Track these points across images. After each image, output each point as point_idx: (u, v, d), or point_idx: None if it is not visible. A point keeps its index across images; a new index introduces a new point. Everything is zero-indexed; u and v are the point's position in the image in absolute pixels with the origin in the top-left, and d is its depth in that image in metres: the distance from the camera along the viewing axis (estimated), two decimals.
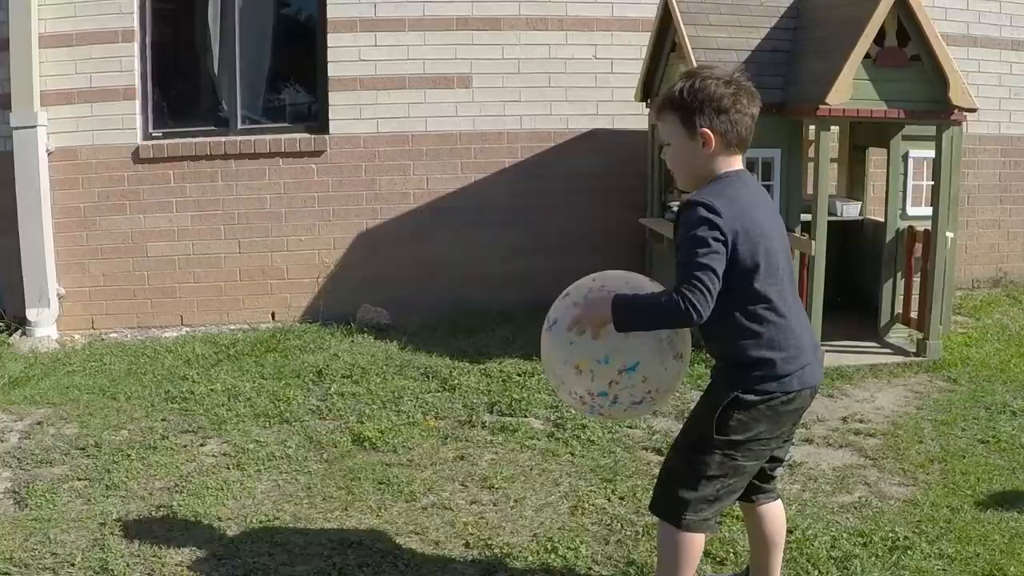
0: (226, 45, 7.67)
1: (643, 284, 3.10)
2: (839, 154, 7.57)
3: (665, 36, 6.93)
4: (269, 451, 5.12)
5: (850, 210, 7.16)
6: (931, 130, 6.37)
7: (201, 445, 5.28)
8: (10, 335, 7.44)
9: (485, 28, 7.62)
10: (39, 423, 5.68)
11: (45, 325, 7.43)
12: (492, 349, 6.84)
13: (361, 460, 4.97)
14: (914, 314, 6.68)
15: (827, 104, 5.90)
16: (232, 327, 7.70)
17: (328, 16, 7.48)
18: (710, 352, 3.15)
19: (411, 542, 4.07)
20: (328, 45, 7.52)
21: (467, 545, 4.03)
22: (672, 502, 3.03)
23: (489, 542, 4.04)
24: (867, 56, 6.00)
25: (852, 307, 7.24)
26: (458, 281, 7.73)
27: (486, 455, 5.01)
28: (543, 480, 4.68)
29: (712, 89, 2.92)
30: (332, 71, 7.55)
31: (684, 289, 2.73)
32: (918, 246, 6.64)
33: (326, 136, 7.62)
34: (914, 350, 6.60)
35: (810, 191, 7.30)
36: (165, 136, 7.63)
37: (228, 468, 4.92)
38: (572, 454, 5.02)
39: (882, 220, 6.96)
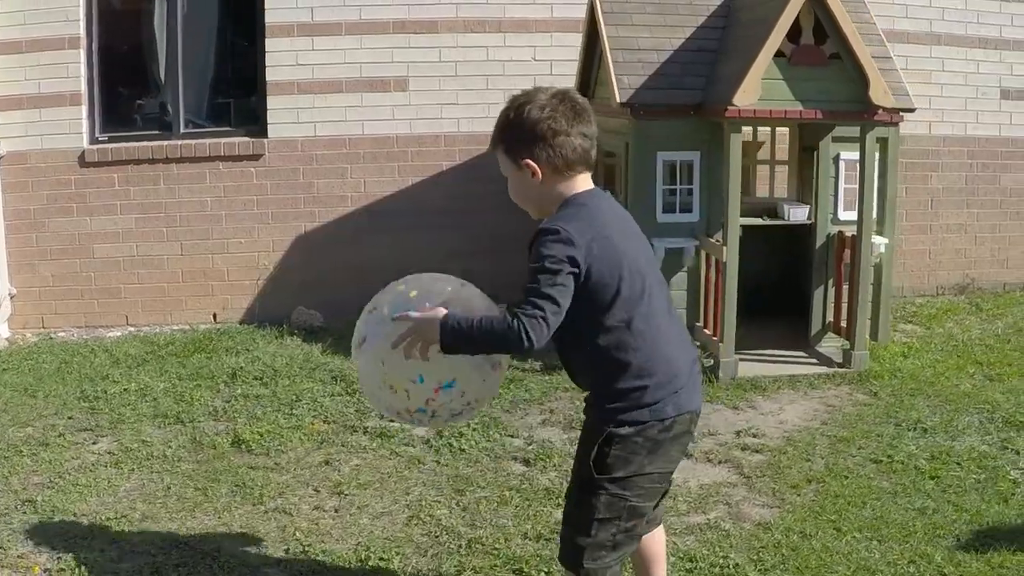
0: (170, 51, 7.87)
1: (457, 289, 2.97)
2: (789, 155, 7.40)
3: (596, 37, 6.94)
4: (150, 451, 5.28)
5: (798, 213, 6.82)
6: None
7: (93, 443, 5.47)
8: None
9: (422, 31, 7.73)
10: None
11: None
12: None
13: (230, 462, 5.11)
14: (845, 323, 6.51)
15: (735, 105, 5.78)
16: (174, 327, 7.91)
17: (266, 21, 7.63)
18: (579, 386, 3.00)
19: (236, 544, 4.20)
20: (266, 50, 7.68)
21: (287, 550, 4.15)
22: (570, 550, 2.89)
23: (309, 548, 4.16)
24: (781, 55, 5.87)
25: (798, 313, 7.02)
26: (386, 284, 7.81)
27: (353, 461, 5.13)
28: (395, 488, 4.77)
29: (526, 117, 2.81)
30: (270, 75, 7.71)
31: (524, 316, 2.60)
32: (847, 252, 6.45)
33: (264, 140, 7.79)
34: (841, 361, 6.46)
35: (760, 193, 7.32)
36: (111, 140, 7.86)
37: (106, 466, 5.09)
38: (438, 462, 5.11)
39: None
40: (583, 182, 2.87)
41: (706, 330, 6.30)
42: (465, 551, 4.09)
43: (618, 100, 6.22)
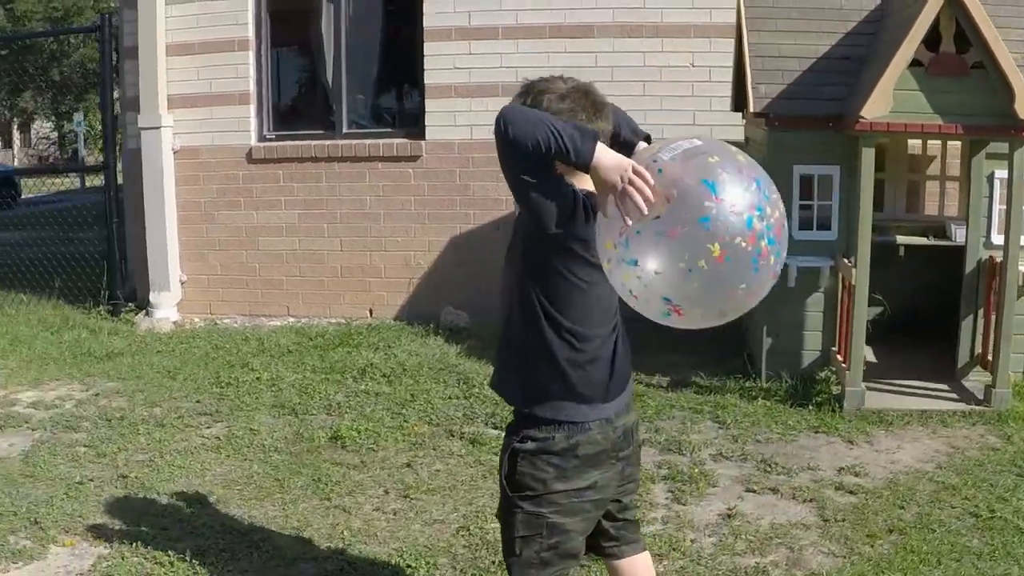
0: (335, 53, 8.12)
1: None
2: (960, 172, 6.86)
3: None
4: (252, 439, 5.46)
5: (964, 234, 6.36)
6: None
7: (206, 428, 5.71)
8: (135, 314, 8.26)
9: (578, 36, 7.62)
10: (97, 394, 6.35)
11: (165, 307, 8.19)
12: None
13: (318, 457, 5.20)
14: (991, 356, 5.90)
15: (864, 117, 5.36)
16: (331, 320, 8.15)
17: (425, 25, 7.74)
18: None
19: (284, 536, 4.27)
20: (425, 53, 7.79)
21: (329, 547, 4.18)
22: (507, 568, 2.82)
23: (349, 547, 4.17)
24: (919, 64, 5.42)
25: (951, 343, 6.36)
26: None
27: (435, 465, 5.11)
28: (462, 497, 4.71)
29: (545, 107, 2.60)
30: (428, 79, 7.82)
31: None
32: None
33: (422, 142, 7.90)
34: (982, 398, 5.82)
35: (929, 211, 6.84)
36: (277, 138, 8.19)
37: (206, 450, 5.31)
38: None
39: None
40: (588, 180, 2.61)
41: (838, 355, 5.93)
42: (495, 569, 3.98)
43: (752, 109, 5.96)
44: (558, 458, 2.65)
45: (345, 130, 8.18)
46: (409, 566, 3.99)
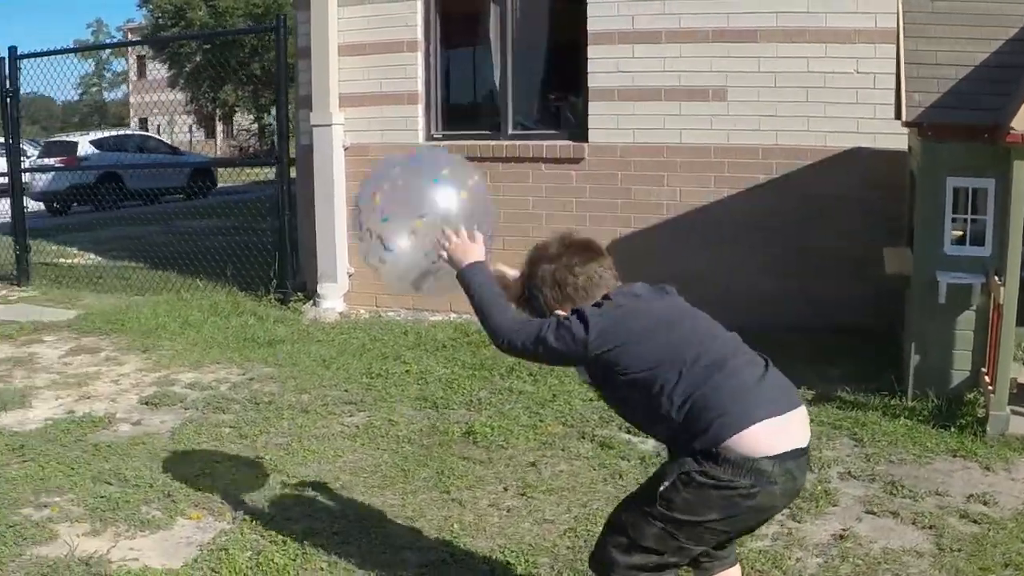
0: (502, 55, 8.19)
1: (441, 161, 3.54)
2: None
3: None
4: (388, 430, 5.57)
5: None
6: None
7: (348, 416, 5.87)
8: (303, 304, 8.56)
9: (741, 40, 7.42)
10: (252, 378, 6.63)
11: (332, 298, 8.46)
12: None
13: (448, 450, 5.25)
14: None
15: (1014, 129, 5.00)
16: None
17: (589, 29, 7.73)
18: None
19: (396, 525, 4.34)
20: (589, 57, 7.77)
21: (436, 538, 4.22)
22: (602, 558, 2.82)
23: (456, 540, 4.20)
24: None
25: None
26: (699, 296, 7.57)
27: (560, 466, 5.07)
28: (579, 499, 4.65)
29: (540, 275, 3.05)
30: (592, 82, 7.79)
31: (518, 335, 2.89)
32: None
33: (585, 144, 7.88)
34: None
35: None
36: (444, 138, 8.33)
37: (342, 438, 5.46)
38: (638, 481, 4.92)
39: None
40: None
41: (986, 377, 5.58)
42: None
43: (904, 118, 5.68)
44: (728, 502, 2.60)
45: (510, 131, 8.24)
46: (509, 563, 3.98)
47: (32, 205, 18.55)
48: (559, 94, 8.49)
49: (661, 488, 2.66)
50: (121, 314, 8.54)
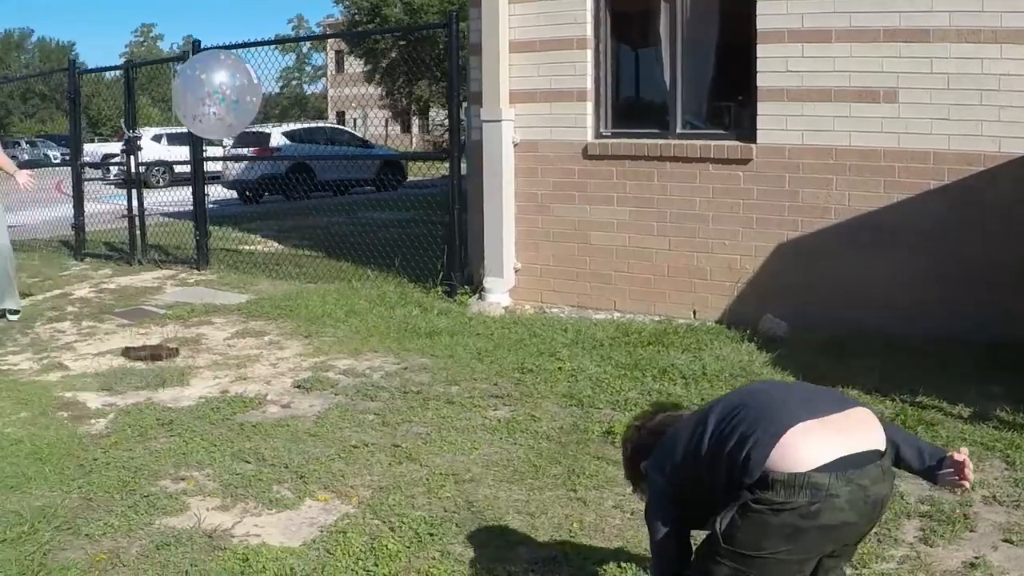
0: (671, 53, 8.02)
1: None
2: None
3: None
4: (529, 425, 5.51)
5: None
6: None
7: (493, 410, 5.85)
8: (469, 297, 8.63)
9: (913, 40, 6.99)
10: (406, 368, 6.71)
11: (497, 293, 8.50)
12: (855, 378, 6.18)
13: (583, 449, 5.16)
14: None
15: None
16: (653, 318, 8.07)
17: (758, 27, 7.48)
18: None
19: (517, 519, 4.29)
20: (758, 55, 7.51)
21: (552, 537, 4.14)
22: None
23: (573, 538, 4.12)
24: None
25: None
26: (861, 303, 7.28)
27: None
28: None
29: (629, 451, 3.22)
30: (761, 81, 7.53)
31: None
32: None
33: (753, 145, 7.63)
34: None
35: None
36: (613, 136, 8.23)
37: (483, 431, 5.45)
38: None
39: None
40: None
41: None
42: None
43: None
44: (791, 527, 2.43)
45: (679, 130, 8.07)
46: (620, 566, 3.87)
47: (225, 193, 19.57)
48: (728, 93, 8.25)
49: (722, 527, 2.51)
50: (291, 300, 8.80)
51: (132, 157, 11.76)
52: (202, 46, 10.39)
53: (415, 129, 43.60)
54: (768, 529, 2.43)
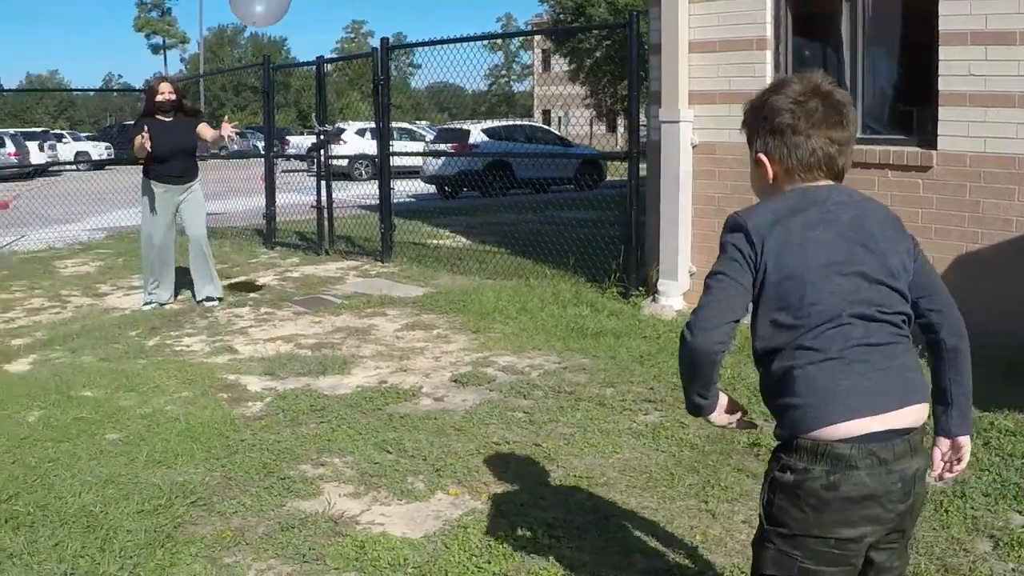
0: (852, 55, 7.73)
1: None
2: None
3: None
4: (676, 432, 5.41)
5: None
6: None
7: (643, 414, 5.81)
8: (642, 299, 8.57)
9: None
10: (565, 367, 6.77)
11: (671, 296, 8.41)
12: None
13: (726, 460, 5.03)
14: None
15: None
16: None
17: (940, 29, 7.10)
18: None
19: (638, 528, 4.26)
20: (940, 59, 7.15)
21: (673, 547, 4.09)
22: None
23: (692, 552, 4.05)
24: None
25: None
26: None
27: None
28: None
29: (771, 106, 2.50)
30: (942, 85, 7.14)
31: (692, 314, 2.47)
32: None
33: (933, 152, 7.26)
34: None
35: None
36: None
37: (628, 434, 5.41)
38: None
39: None
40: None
41: None
42: None
43: None
44: (814, 498, 2.36)
45: (858, 135, 7.76)
46: None
47: (424, 188, 20.07)
48: (909, 97, 7.88)
49: (761, 507, 2.48)
50: (466, 296, 8.97)
51: (323, 150, 12.23)
52: (406, 39, 10.68)
53: (620, 129, 43.62)
54: (795, 501, 2.37)
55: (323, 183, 12.31)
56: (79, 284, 10.58)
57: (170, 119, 8.80)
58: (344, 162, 22.26)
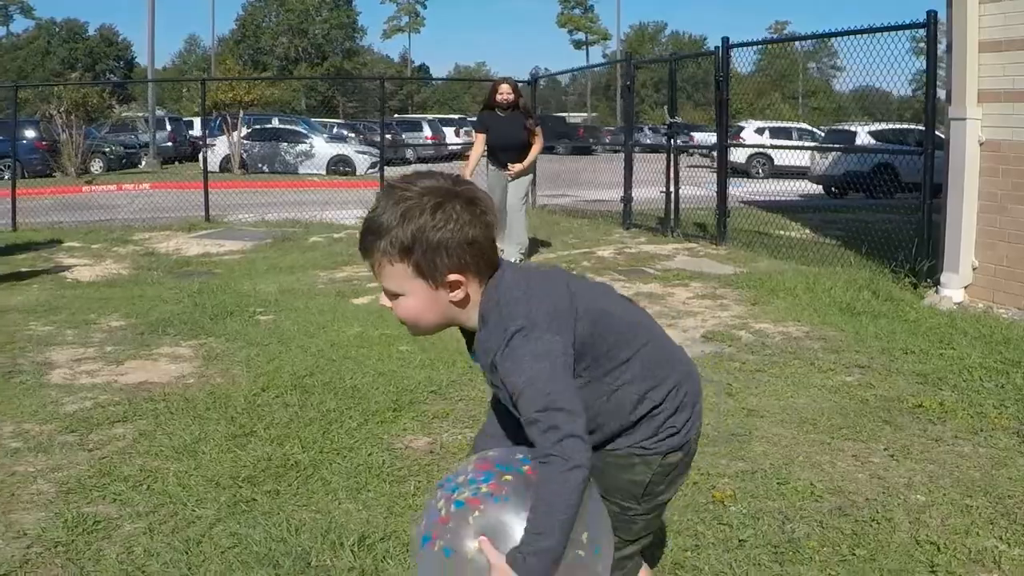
0: None
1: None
2: None
3: None
4: (859, 393, 5.99)
5: None
6: None
7: (847, 375, 6.46)
8: (928, 290, 9.04)
9: None
10: (808, 335, 7.51)
11: (951, 288, 8.89)
12: None
13: (886, 415, 5.60)
14: None
15: None
16: None
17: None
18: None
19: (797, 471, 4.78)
20: None
21: (785, 492, 4.42)
22: None
23: (807, 496, 4.38)
24: None
25: None
26: None
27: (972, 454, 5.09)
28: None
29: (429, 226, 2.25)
30: None
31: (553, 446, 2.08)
32: None
33: None
34: None
35: None
36: None
37: (816, 388, 6.12)
38: None
39: None
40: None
41: None
42: None
43: None
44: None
45: None
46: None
47: (812, 188, 20.49)
48: None
49: None
50: (769, 276, 9.84)
51: (671, 141, 13.49)
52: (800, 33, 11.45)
53: None
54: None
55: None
56: None
57: (505, 114, 10.52)
58: (743, 159, 23.25)
